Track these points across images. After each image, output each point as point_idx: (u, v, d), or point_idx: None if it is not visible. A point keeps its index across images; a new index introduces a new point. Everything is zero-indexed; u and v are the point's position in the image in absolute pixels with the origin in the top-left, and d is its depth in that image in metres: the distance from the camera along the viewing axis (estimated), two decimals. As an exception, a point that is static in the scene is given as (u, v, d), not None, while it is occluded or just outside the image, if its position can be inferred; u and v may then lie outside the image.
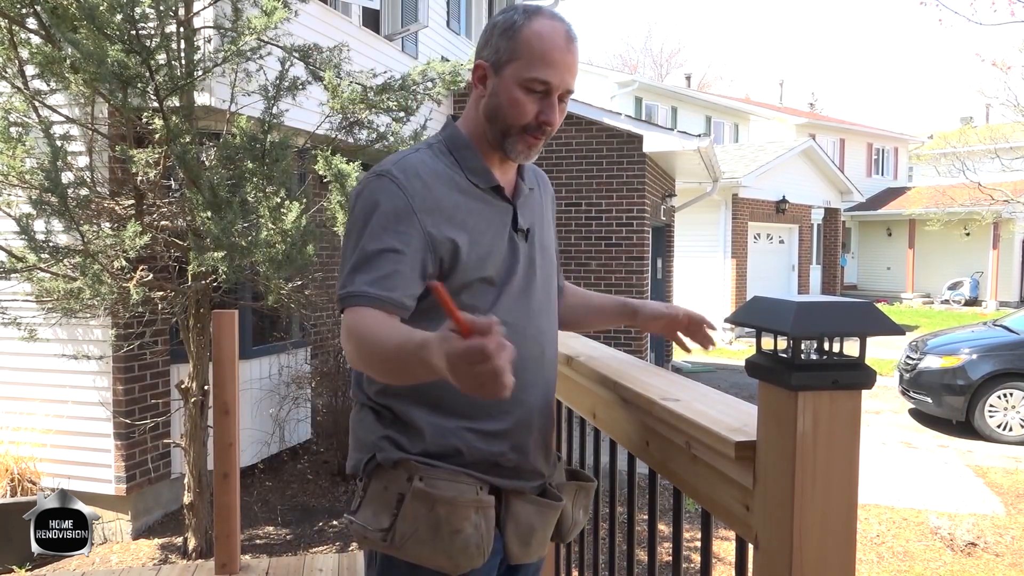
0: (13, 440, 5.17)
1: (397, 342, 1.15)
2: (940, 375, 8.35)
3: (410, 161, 1.37)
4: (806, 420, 0.93)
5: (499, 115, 1.39)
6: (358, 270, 1.29)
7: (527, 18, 1.37)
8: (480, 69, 1.40)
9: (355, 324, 1.25)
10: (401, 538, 1.31)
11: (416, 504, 1.31)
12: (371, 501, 1.35)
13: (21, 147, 4.08)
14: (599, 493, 1.82)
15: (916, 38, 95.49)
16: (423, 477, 1.32)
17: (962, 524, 5.63)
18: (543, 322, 1.49)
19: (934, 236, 22.45)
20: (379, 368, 1.23)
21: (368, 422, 1.40)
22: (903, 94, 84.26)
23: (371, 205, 1.32)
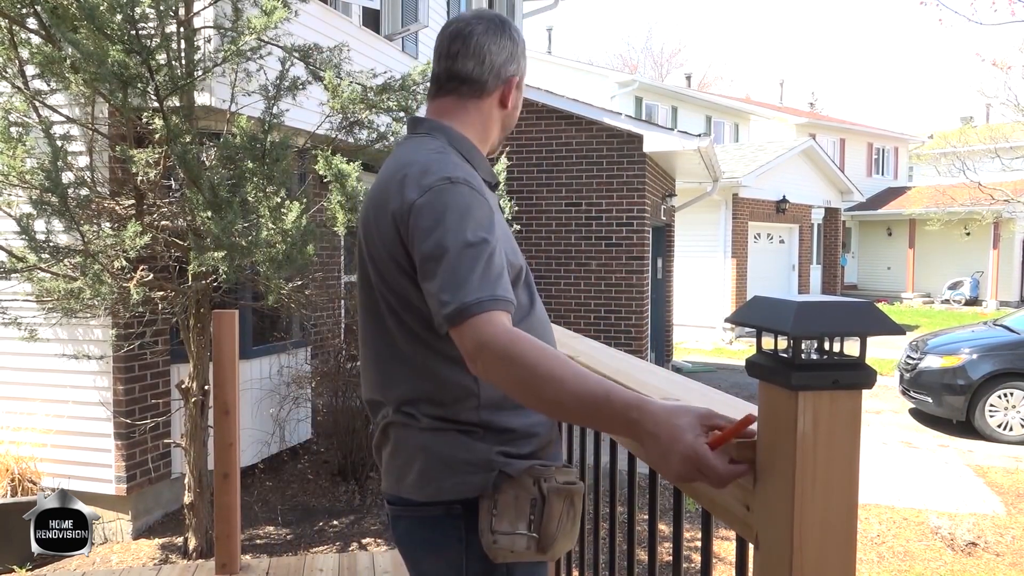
0: (13, 440, 5.17)
1: (602, 387, 1.11)
2: (940, 375, 8.35)
3: (461, 166, 1.37)
4: (806, 420, 0.93)
5: (512, 124, 1.56)
6: (482, 273, 1.23)
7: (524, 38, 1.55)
8: (514, 83, 1.51)
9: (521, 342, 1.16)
10: (550, 539, 1.32)
11: (559, 502, 1.33)
12: (504, 514, 1.32)
13: (21, 147, 4.07)
14: (599, 493, 1.82)
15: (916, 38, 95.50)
16: (547, 478, 1.35)
17: (962, 524, 5.63)
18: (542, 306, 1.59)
19: (934, 236, 22.45)
20: (549, 402, 1.14)
21: (466, 444, 1.35)
22: (903, 94, 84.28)
23: (463, 211, 1.27)
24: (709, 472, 1.00)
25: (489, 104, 1.49)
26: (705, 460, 1.00)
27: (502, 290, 1.23)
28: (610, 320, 8.68)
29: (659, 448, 1.04)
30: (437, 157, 1.36)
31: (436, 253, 1.25)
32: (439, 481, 1.35)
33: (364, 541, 5.07)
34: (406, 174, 1.34)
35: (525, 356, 1.14)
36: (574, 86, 17.39)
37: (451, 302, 1.20)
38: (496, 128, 1.53)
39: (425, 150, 1.40)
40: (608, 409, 1.09)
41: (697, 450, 1.00)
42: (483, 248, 1.25)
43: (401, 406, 1.40)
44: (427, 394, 1.36)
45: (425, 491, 1.36)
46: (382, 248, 1.36)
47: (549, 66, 20.93)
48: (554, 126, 8.77)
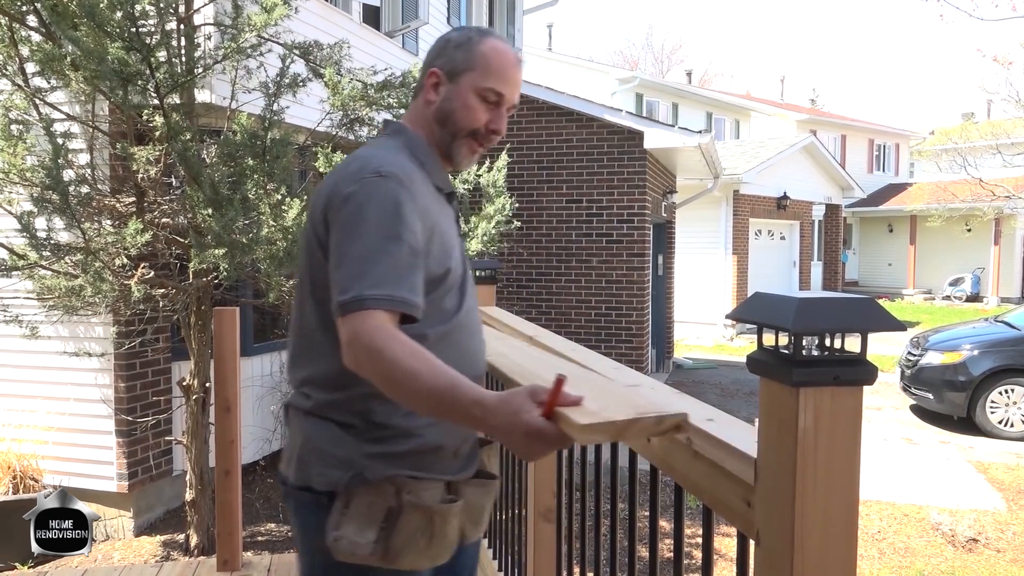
0: (15, 437, 5.18)
1: (450, 383, 1.18)
2: (941, 371, 8.35)
3: (403, 164, 1.39)
4: (807, 416, 0.93)
5: (451, 119, 1.48)
6: (386, 274, 1.26)
7: (482, 35, 1.49)
8: (434, 76, 1.49)
9: (388, 336, 1.22)
10: (396, 551, 1.33)
11: (414, 517, 1.34)
12: (354, 517, 1.34)
13: (22, 145, 4.07)
14: (600, 489, 1.82)
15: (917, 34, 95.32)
16: (411, 490, 1.35)
17: (963, 520, 5.63)
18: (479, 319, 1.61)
19: (935, 232, 22.42)
20: (408, 392, 1.20)
21: (339, 437, 1.37)
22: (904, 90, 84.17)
23: (384, 206, 1.31)
24: (551, 439, 1.11)
25: (420, 102, 1.52)
26: (544, 430, 1.11)
27: (402, 290, 1.26)
28: (611, 317, 8.68)
29: (505, 436, 1.14)
30: (380, 154, 1.40)
31: (347, 243, 1.29)
32: (309, 468, 1.40)
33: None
34: (346, 166, 1.40)
35: (389, 351, 1.20)
36: (575, 83, 17.37)
37: (346, 291, 1.25)
38: (431, 125, 1.50)
39: (376, 146, 1.46)
40: (455, 405, 1.17)
41: (533, 424, 1.11)
42: (393, 245, 1.28)
43: (300, 386, 1.44)
44: (322, 376, 1.39)
45: (299, 476, 1.42)
46: (312, 232, 1.40)
47: (549, 63, 20.91)
48: (555, 123, 8.76)
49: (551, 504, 2.18)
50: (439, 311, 1.42)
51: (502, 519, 2.77)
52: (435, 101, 1.49)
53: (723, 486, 1.13)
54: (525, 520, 2.36)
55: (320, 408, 1.40)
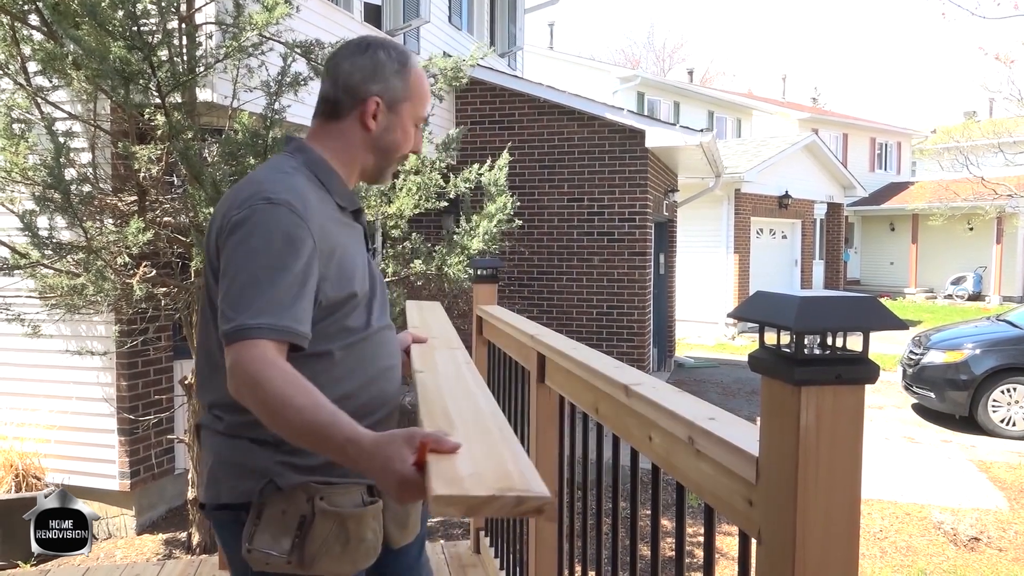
0: (18, 436, 5.19)
1: (328, 419, 1.16)
2: (943, 370, 8.34)
3: (296, 188, 1.36)
4: (809, 415, 0.93)
5: (391, 149, 1.50)
6: (270, 304, 1.24)
7: (408, 59, 1.49)
8: (375, 104, 1.46)
9: (268, 366, 1.20)
10: (311, 558, 1.33)
11: (326, 523, 1.34)
12: (268, 526, 1.33)
13: (24, 144, 4.08)
14: (602, 488, 1.83)
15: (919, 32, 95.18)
16: (323, 496, 1.35)
17: (965, 519, 5.63)
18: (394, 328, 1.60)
19: (937, 231, 22.40)
20: (284, 424, 1.18)
21: (251, 450, 1.36)
22: (906, 88, 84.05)
23: (272, 234, 1.28)
24: (418, 491, 1.05)
25: (349, 125, 1.47)
26: (412, 482, 1.06)
27: (285, 320, 1.24)
28: (612, 316, 8.68)
29: (377, 480, 1.11)
30: (274, 176, 1.38)
31: (233, 270, 1.28)
32: (219, 484, 1.39)
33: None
34: (240, 190, 1.37)
35: (268, 382, 1.18)
36: (576, 82, 17.36)
37: (230, 320, 1.24)
38: (362, 152, 1.48)
39: (270, 168, 1.43)
40: (330, 441, 1.14)
41: (404, 475, 1.07)
42: (278, 275, 1.26)
43: (211, 409, 1.43)
44: (231, 400, 1.35)
45: (208, 494, 1.41)
46: (207, 256, 1.39)
47: (550, 62, 20.90)
48: (556, 122, 8.76)
49: (552, 502, 2.18)
50: (343, 330, 1.41)
51: (504, 518, 2.77)
52: (373, 130, 1.47)
53: (725, 485, 1.13)
54: (526, 519, 2.36)
55: (233, 428, 1.38)
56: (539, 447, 2.21)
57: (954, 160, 20.83)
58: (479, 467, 1.05)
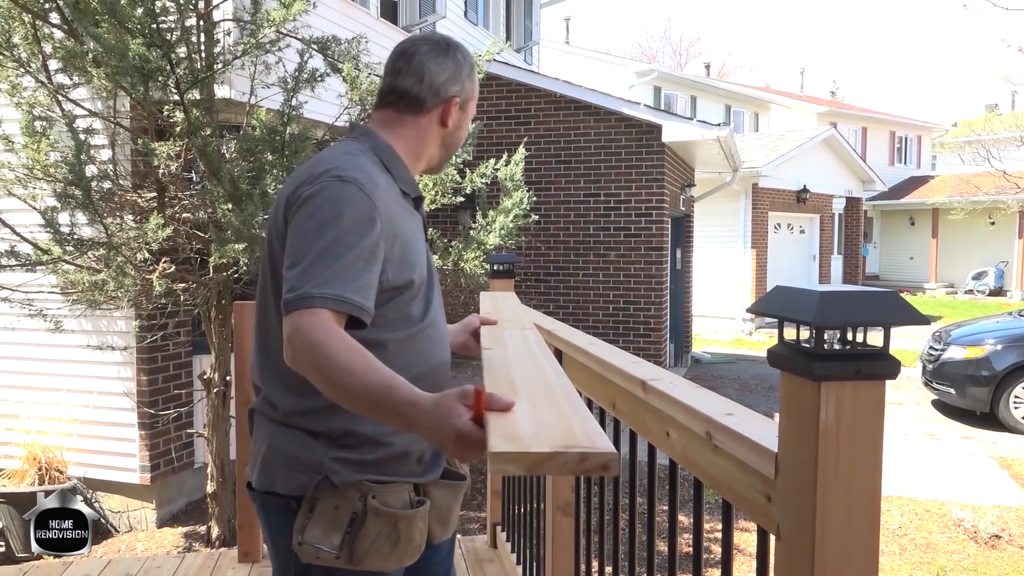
0: (41, 430, 5.26)
1: (385, 382, 1.17)
2: (964, 366, 8.25)
3: (365, 168, 1.39)
4: (829, 410, 0.92)
5: (456, 144, 1.60)
6: (334, 274, 1.26)
7: (473, 61, 1.60)
8: (456, 105, 1.54)
9: (327, 332, 1.21)
10: (360, 555, 1.35)
11: (378, 523, 1.36)
12: (319, 521, 1.35)
13: (45, 141, 4.12)
14: (619, 483, 1.82)
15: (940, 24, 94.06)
16: (375, 495, 1.37)
17: (986, 516, 5.58)
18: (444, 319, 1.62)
19: (958, 225, 22.15)
20: (342, 389, 1.20)
21: (306, 442, 1.38)
22: (926, 81, 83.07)
23: (340, 210, 1.31)
24: (477, 444, 1.06)
25: (427, 121, 1.53)
26: (470, 435, 1.06)
27: (348, 291, 1.26)
28: (629, 311, 8.66)
29: (437, 438, 1.11)
30: (344, 157, 1.41)
31: (301, 243, 1.30)
32: (273, 473, 1.41)
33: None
34: (310, 167, 1.40)
35: (326, 346, 1.19)
36: (592, 76, 17.30)
37: (294, 288, 1.25)
38: (434, 146, 1.56)
39: (338, 150, 1.46)
40: (388, 404, 1.15)
41: (461, 429, 1.07)
42: (345, 248, 1.28)
43: (266, 393, 1.45)
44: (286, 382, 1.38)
45: (263, 481, 1.43)
46: (273, 231, 1.41)
47: (566, 56, 20.84)
48: (572, 116, 8.74)
49: (569, 498, 2.18)
50: (403, 318, 1.43)
51: (521, 512, 2.78)
52: (449, 128, 1.55)
53: (743, 481, 1.13)
54: (543, 514, 2.36)
55: (288, 417, 1.40)
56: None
57: (975, 153, 20.57)
58: (542, 426, 1.05)
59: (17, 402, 5.38)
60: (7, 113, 4.41)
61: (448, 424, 1.08)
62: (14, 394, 5.43)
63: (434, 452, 1.51)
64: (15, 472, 5.15)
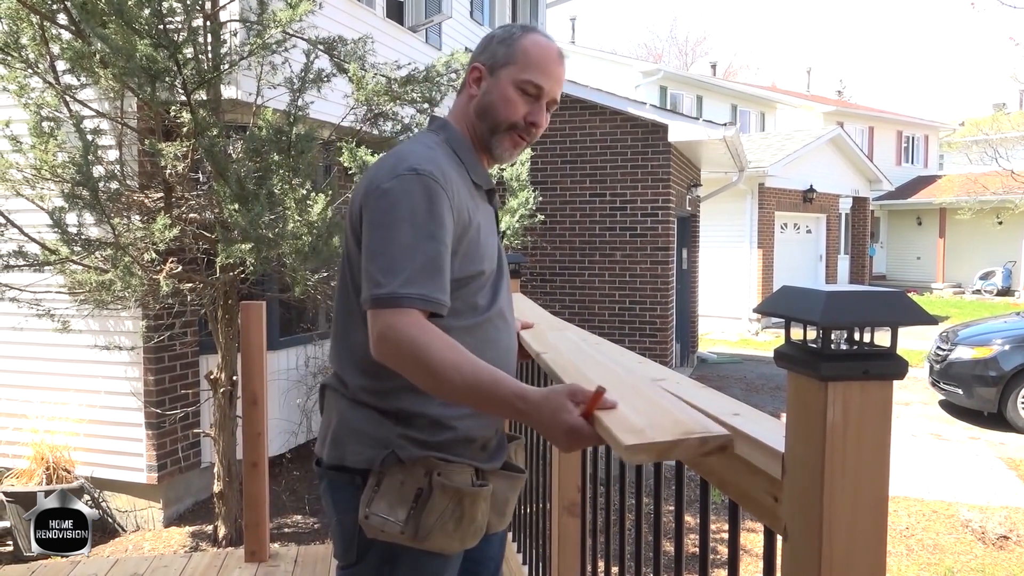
0: (48, 429, 5.28)
1: (491, 376, 1.24)
2: (971, 366, 8.22)
3: (439, 161, 1.41)
4: (836, 411, 0.92)
5: (490, 112, 1.51)
6: (418, 273, 1.29)
7: (524, 31, 1.53)
8: (476, 71, 1.53)
9: (426, 331, 1.26)
10: (426, 530, 1.36)
11: (444, 499, 1.38)
12: (386, 494, 1.37)
13: (53, 141, 4.14)
14: (625, 483, 1.82)
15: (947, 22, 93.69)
16: (440, 472, 1.39)
17: (994, 517, 5.55)
18: (513, 310, 1.65)
19: (965, 225, 22.06)
20: (447, 385, 1.24)
21: (375, 419, 1.42)
22: (934, 80, 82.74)
23: (418, 204, 1.33)
24: (588, 439, 1.17)
25: (462, 95, 1.57)
26: (583, 431, 1.16)
27: (434, 290, 1.30)
28: (635, 311, 8.65)
29: (546, 429, 1.20)
30: (418, 149, 1.43)
31: (381, 237, 1.33)
32: (343, 447, 1.43)
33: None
34: (387, 161, 1.42)
35: (430, 345, 1.24)
36: (598, 76, 17.29)
37: (380, 285, 1.28)
38: (472, 118, 1.53)
39: (414, 143, 1.48)
40: (497, 397, 1.23)
41: (574, 425, 1.17)
42: (427, 243, 1.31)
43: (340, 371, 1.48)
44: (360, 362, 1.42)
45: (332, 455, 1.46)
46: (349, 223, 1.45)
47: (572, 56, 20.82)
48: (578, 116, 8.73)
49: (575, 498, 2.18)
50: (469, 307, 1.45)
51: (527, 513, 2.78)
52: (476, 95, 1.53)
53: (750, 481, 1.13)
54: (549, 514, 2.36)
55: (358, 394, 1.44)
56: (562, 442, 2.21)
57: (983, 153, 20.49)
58: (651, 418, 1.13)
59: (25, 402, 5.40)
60: (15, 114, 4.43)
61: (560, 418, 1.17)
62: (22, 394, 5.45)
63: (499, 441, 1.56)
64: (23, 472, 5.17)
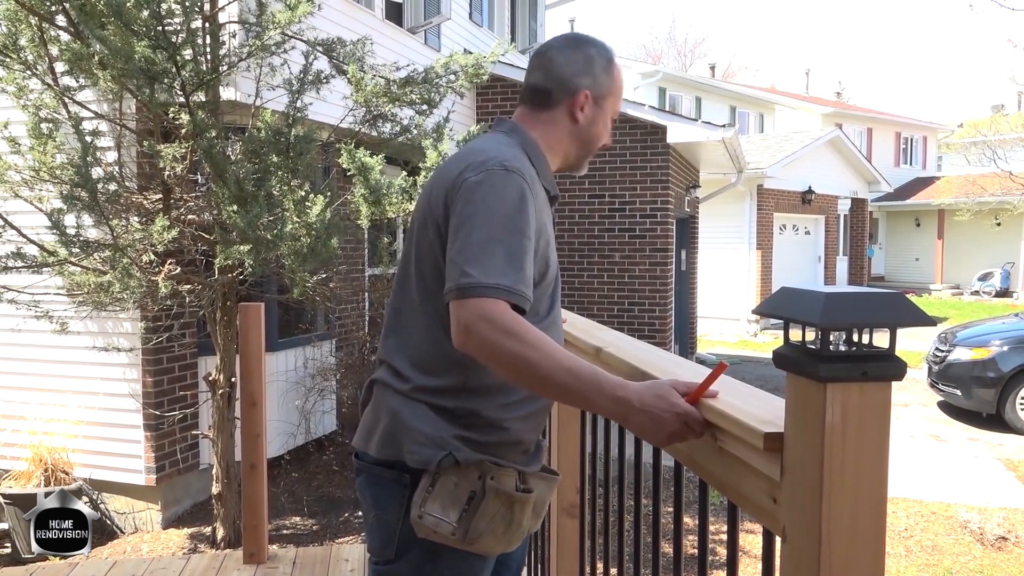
0: (47, 431, 5.27)
1: (591, 368, 1.24)
2: (970, 367, 8.22)
3: (523, 161, 1.43)
4: (835, 412, 0.92)
5: (595, 142, 1.57)
6: (507, 265, 1.29)
7: (614, 56, 1.58)
8: (585, 98, 1.53)
9: (518, 321, 1.25)
10: (476, 533, 1.37)
11: (496, 503, 1.38)
12: (439, 496, 1.37)
13: (52, 143, 4.14)
14: (624, 485, 1.82)
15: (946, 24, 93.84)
16: (494, 476, 1.39)
17: (992, 518, 5.55)
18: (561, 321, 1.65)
19: (964, 226, 22.07)
20: (542, 375, 1.23)
21: (431, 418, 1.41)
22: (932, 82, 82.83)
23: (509, 199, 1.34)
24: (697, 428, 1.18)
25: (558, 115, 1.55)
26: (693, 414, 1.18)
27: (521, 284, 1.29)
28: (633, 312, 8.65)
29: (652, 418, 1.20)
30: (503, 149, 1.44)
31: (470, 228, 1.31)
32: (398, 445, 1.42)
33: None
34: (471, 155, 1.42)
35: (527, 333, 1.23)
36: (597, 77, 17.25)
37: (468, 276, 1.26)
38: (567, 141, 1.56)
39: (495, 141, 1.48)
40: (597, 387, 1.22)
41: (685, 409, 1.19)
42: (515, 238, 1.31)
43: (394, 366, 1.46)
44: (417, 358, 1.42)
45: (384, 451, 1.44)
46: (428, 213, 1.43)
47: (571, 57, 20.80)
48: (577, 118, 8.72)
49: (574, 500, 2.18)
50: (533, 312, 1.44)
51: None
52: (581, 123, 1.54)
53: (748, 482, 1.13)
54: (548, 516, 2.36)
55: (414, 392, 1.42)
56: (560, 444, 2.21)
57: (981, 154, 20.50)
58: (760, 409, 1.13)
59: (23, 403, 5.40)
60: (14, 115, 4.43)
61: (673, 404, 1.19)
62: (20, 395, 5.44)
63: (537, 445, 1.56)
64: (21, 473, 5.16)
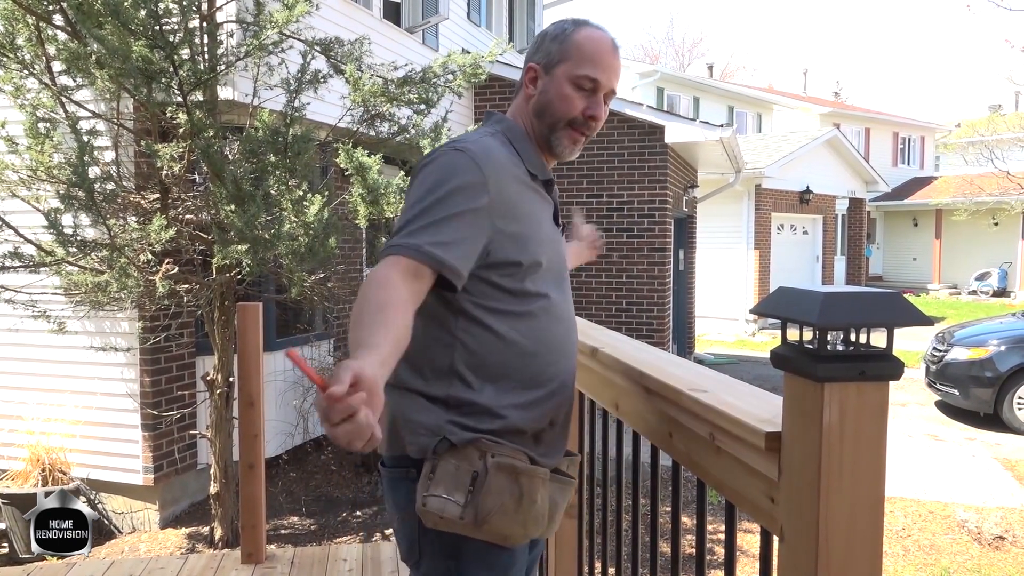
0: (44, 431, 5.26)
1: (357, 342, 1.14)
2: (967, 367, 8.23)
3: (486, 144, 1.42)
4: (832, 412, 0.92)
5: (548, 110, 1.51)
6: (421, 228, 1.29)
7: (577, 26, 1.52)
8: (532, 71, 1.53)
9: (382, 269, 1.25)
10: (485, 513, 1.34)
11: (500, 477, 1.36)
12: (441, 480, 1.36)
13: (49, 143, 4.13)
14: (622, 485, 1.82)
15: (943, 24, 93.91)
16: (494, 454, 1.37)
17: (990, 517, 5.56)
18: (572, 308, 1.61)
19: (961, 226, 22.09)
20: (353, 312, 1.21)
21: (424, 406, 1.41)
22: (930, 82, 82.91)
23: (447, 175, 1.34)
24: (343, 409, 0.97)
25: (520, 98, 1.57)
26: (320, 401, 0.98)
27: (432, 245, 1.27)
28: (631, 312, 8.65)
29: None
30: (468, 136, 1.46)
31: (406, 204, 1.36)
32: (401, 438, 1.42)
33: (387, 532, 5.11)
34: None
35: (363, 291, 1.22)
36: (595, 77, 17.24)
37: (389, 240, 1.30)
38: (528, 118, 1.54)
39: (472, 133, 1.50)
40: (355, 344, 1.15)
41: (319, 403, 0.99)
42: (442, 208, 1.31)
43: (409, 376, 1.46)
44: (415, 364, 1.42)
45: (390, 448, 1.45)
46: None
47: (570, 57, 20.80)
48: (575, 117, 8.72)
49: (573, 499, 2.18)
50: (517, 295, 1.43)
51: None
52: (533, 95, 1.53)
53: (746, 482, 1.13)
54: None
55: (403, 382, 1.43)
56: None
57: (979, 154, 20.52)
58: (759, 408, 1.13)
59: (20, 403, 5.39)
60: (11, 115, 4.42)
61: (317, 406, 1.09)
62: (17, 395, 5.43)
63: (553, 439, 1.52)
64: (18, 473, 5.16)
